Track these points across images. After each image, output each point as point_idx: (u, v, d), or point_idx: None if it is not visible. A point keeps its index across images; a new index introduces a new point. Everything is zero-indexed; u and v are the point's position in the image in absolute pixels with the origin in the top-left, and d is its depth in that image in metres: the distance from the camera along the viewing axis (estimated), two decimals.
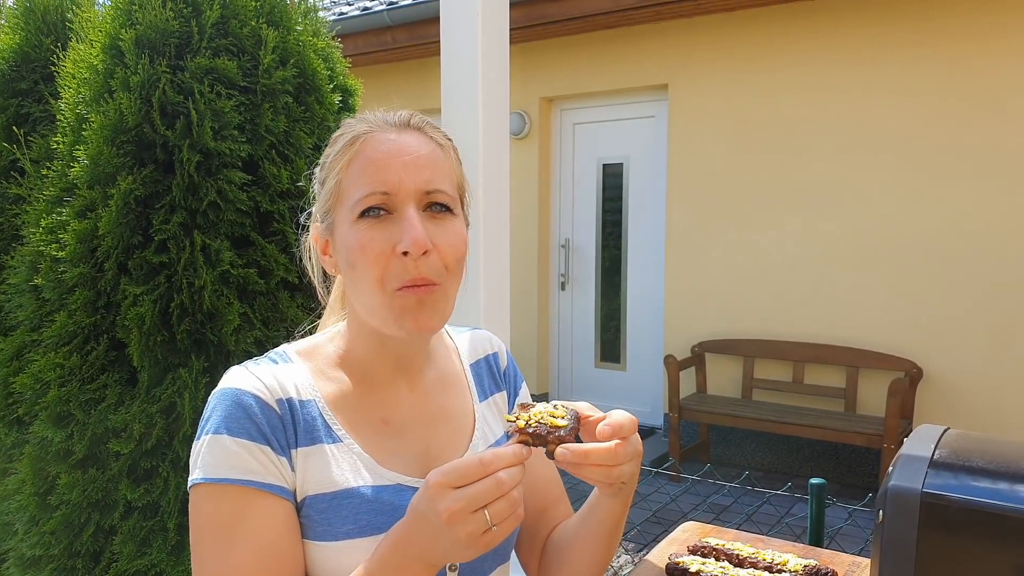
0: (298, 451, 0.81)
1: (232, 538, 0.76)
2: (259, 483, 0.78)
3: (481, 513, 0.68)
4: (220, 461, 0.77)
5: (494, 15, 1.79)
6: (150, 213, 1.63)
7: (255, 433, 0.78)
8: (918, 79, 4.11)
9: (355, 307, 0.87)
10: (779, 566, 1.11)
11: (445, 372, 0.98)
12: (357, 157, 0.83)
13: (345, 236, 0.83)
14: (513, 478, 0.69)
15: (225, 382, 0.82)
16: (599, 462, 0.75)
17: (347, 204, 0.83)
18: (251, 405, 0.79)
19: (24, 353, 1.71)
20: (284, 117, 1.74)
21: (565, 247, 5.54)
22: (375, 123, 0.86)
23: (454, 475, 0.69)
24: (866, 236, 4.30)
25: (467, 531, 0.68)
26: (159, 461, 1.59)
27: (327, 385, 0.86)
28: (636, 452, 0.79)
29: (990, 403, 4.02)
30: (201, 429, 0.80)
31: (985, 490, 0.73)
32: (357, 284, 0.83)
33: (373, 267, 0.80)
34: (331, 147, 0.87)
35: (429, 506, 0.69)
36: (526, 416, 0.79)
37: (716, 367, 4.84)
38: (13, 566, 1.70)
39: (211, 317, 1.62)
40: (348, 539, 0.80)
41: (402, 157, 0.82)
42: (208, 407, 0.81)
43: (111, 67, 1.66)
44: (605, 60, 5.10)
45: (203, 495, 0.78)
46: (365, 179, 0.81)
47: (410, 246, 0.79)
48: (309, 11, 1.90)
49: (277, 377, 0.83)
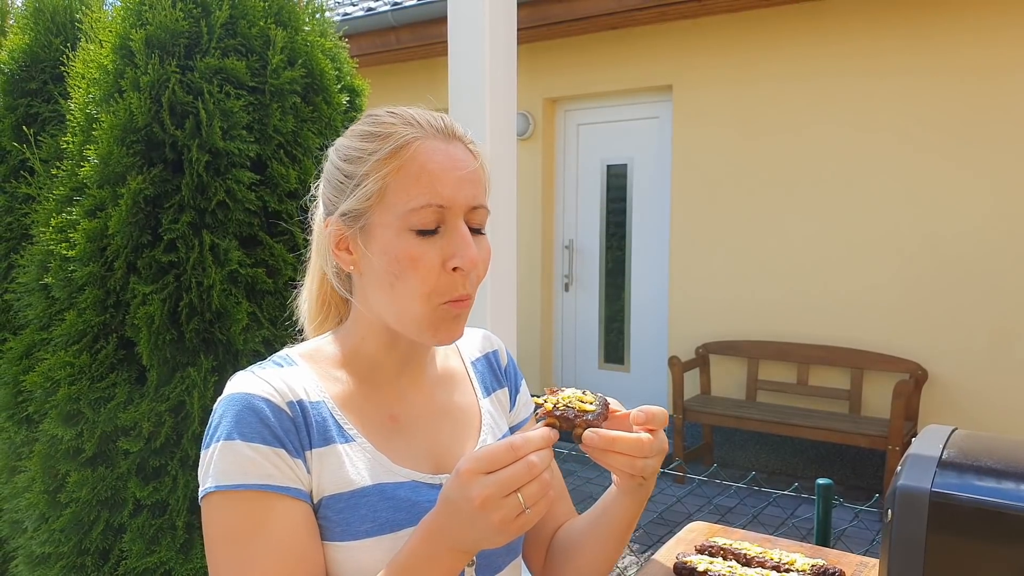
0: (313, 452, 0.81)
1: (253, 545, 0.75)
2: (277, 487, 0.77)
3: (514, 497, 0.68)
4: (235, 467, 0.76)
5: (502, 15, 1.79)
6: (159, 212, 1.63)
7: (269, 437, 0.77)
8: (923, 81, 4.10)
9: (371, 307, 0.86)
10: (787, 565, 1.12)
11: (447, 369, 0.98)
12: (409, 164, 0.81)
13: (391, 243, 0.81)
14: (544, 460, 0.69)
15: (232, 387, 0.81)
16: (626, 451, 0.76)
17: (395, 210, 0.81)
18: (263, 409, 0.78)
19: (34, 351, 1.72)
20: (292, 117, 1.75)
21: (569, 248, 5.55)
22: (424, 127, 0.83)
23: (485, 461, 0.69)
24: (871, 237, 4.30)
25: (500, 515, 0.68)
26: (168, 459, 1.60)
27: (333, 385, 0.86)
28: (662, 448, 0.80)
29: (995, 405, 4.01)
30: (210, 437, 0.79)
31: (994, 490, 0.73)
32: (396, 292, 0.82)
33: (424, 281, 0.80)
34: (367, 142, 0.83)
35: (461, 493, 0.69)
36: (554, 399, 0.79)
37: (720, 368, 4.84)
38: (23, 563, 1.71)
39: (220, 316, 1.63)
40: (367, 538, 0.80)
41: (456, 171, 0.82)
42: (215, 414, 0.80)
43: (121, 67, 1.67)
44: (609, 61, 5.10)
45: (218, 504, 0.77)
46: (420, 189, 0.80)
47: (465, 264, 0.80)
48: (317, 11, 1.91)
49: (285, 380, 0.82)
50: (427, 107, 0.89)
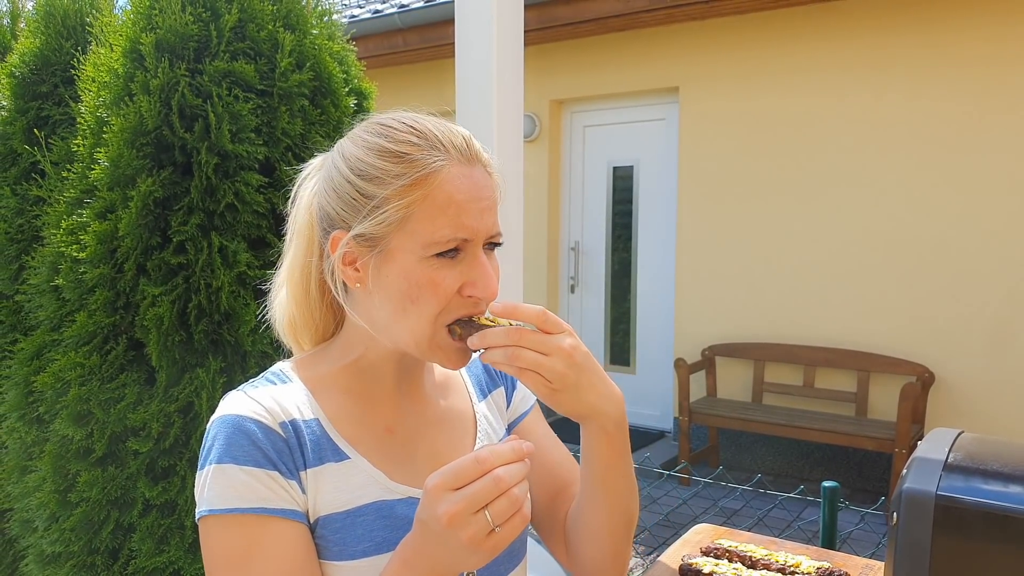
0: (308, 472, 0.80)
1: (249, 569, 0.75)
2: (272, 509, 0.76)
3: (482, 514, 0.66)
4: (227, 491, 0.75)
5: (509, 17, 1.80)
6: (168, 215, 1.65)
7: (262, 459, 0.77)
8: (930, 81, 4.09)
9: (375, 324, 0.84)
10: (792, 568, 1.12)
11: (442, 376, 0.98)
12: (436, 193, 0.79)
13: (412, 270, 0.79)
14: (512, 475, 0.67)
15: (224, 409, 0.80)
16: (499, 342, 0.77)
17: (417, 238, 0.79)
18: (254, 431, 0.77)
19: (45, 352, 1.73)
20: (300, 120, 1.76)
21: (575, 250, 5.55)
22: (448, 151, 0.81)
23: (451, 476, 0.67)
24: (878, 239, 4.29)
25: (469, 533, 0.66)
26: (177, 460, 1.61)
27: (327, 401, 0.85)
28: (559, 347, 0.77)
29: (1002, 408, 4.00)
30: (204, 459, 0.78)
31: (1000, 493, 0.73)
32: (406, 313, 0.81)
33: (439, 304, 0.80)
34: (388, 162, 0.80)
35: (429, 512, 0.68)
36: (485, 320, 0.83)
37: (726, 370, 4.83)
38: (33, 563, 1.73)
39: (228, 318, 1.64)
40: (365, 557, 0.80)
41: (480, 203, 0.81)
42: (208, 435, 0.79)
43: (131, 70, 1.68)
44: (615, 62, 5.11)
45: (213, 527, 0.76)
46: (446, 220, 0.78)
47: (485, 295, 0.81)
48: (324, 15, 1.92)
49: (277, 399, 0.81)
50: (436, 112, 0.88)
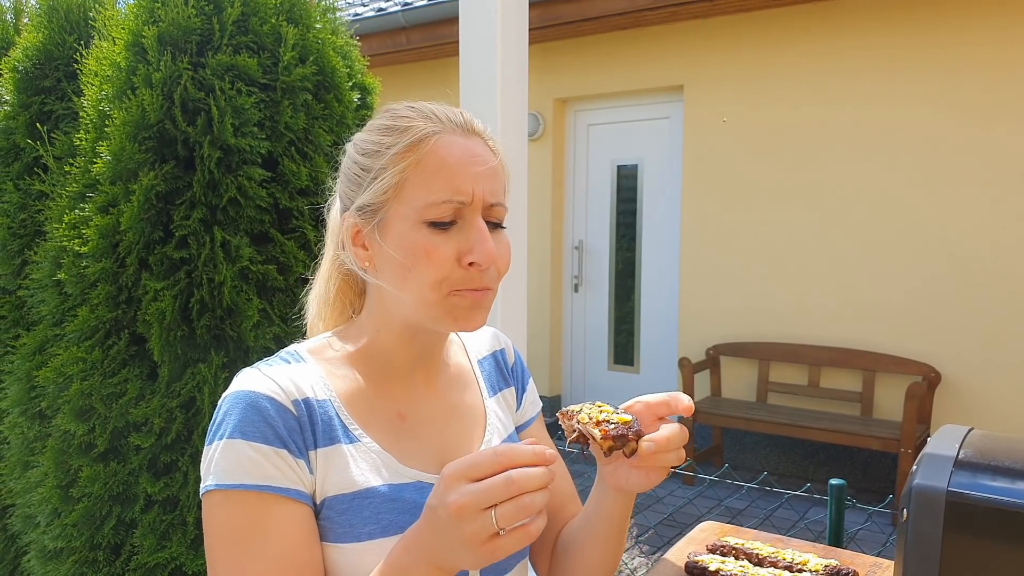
0: (317, 452, 0.80)
1: (249, 546, 0.75)
2: (277, 488, 0.76)
3: (488, 514, 0.65)
4: (235, 467, 0.75)
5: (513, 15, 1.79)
6: (171, 209, 1.64)
7: (272, 437, 0.76)
8: (936, 81, 4.07)
9: (387, 302, 0.86)
10: (799, 566, 1.10)
11: (457, 368, 0.98)
12: (428, 158, 0.80)
13: (406, 236, 0.81)
14: (527, 479, 0.66)
15: (238, 384, 0.80)
16: (678, 444, 0.79)
17: (413, 204, 0.80)
18: (267, 408, 0.77)
19: (47, 347, 1.73)
20: (303, 114, 1.75)
21: (579, 249, 5.54)
22: (442, 121, 0.83)
23: (468, 466, 0.67)
24: (883, 239, 4.27)
25: (472, 529, 0.66)
26: (179, 455, 1.61)
27: (340, 383, 0.85)
28: None
29: (1009, 407, 3.98)
30: (213, 433, 0.78)
31: (1010, 490, 0.72)
32: (407, 283, 0.81)
33: (436, 271, 0.80)
34: (385, 136, 0.83)
35: (440, 499, 0.68)
36: (584, 419, 0.79)
37: (731, 370, 4.81)
38: (35, 558, 1.72)
39: (230, 313, 1.63)
40: (370, 540, 0.79)
41: (475, 167, 0.81)
42: (219, 411, 0.79)
43: (134, 64, 1.68)
44: (620, 61, 5.10)
45: (218, 502, 0.76)
46: (439, 184, 0.80)
47: (482, 259, 0.80)
48: (328, 9, 1.91)
49: (292, 378, 0.81)
50: (445, 103, 0.88)
